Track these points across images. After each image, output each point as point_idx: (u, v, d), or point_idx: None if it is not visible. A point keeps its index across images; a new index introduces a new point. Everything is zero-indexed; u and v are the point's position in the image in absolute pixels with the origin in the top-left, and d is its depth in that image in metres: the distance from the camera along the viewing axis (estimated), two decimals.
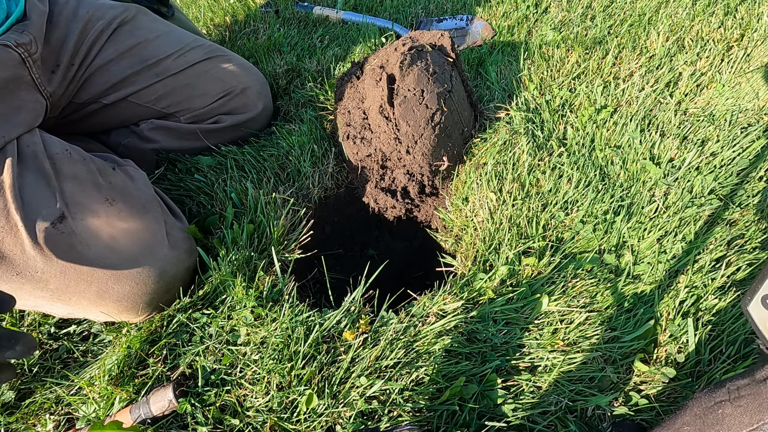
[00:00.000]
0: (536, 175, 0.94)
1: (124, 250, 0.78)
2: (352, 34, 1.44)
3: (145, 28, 1.03)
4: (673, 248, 0.84)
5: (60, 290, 0.75)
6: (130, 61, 0.99)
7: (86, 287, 0.75)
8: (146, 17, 1.05)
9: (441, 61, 0.92)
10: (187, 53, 1.04)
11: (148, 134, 1.06)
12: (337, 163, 1.06)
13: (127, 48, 0.99)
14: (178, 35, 1.07)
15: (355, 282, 0.80)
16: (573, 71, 1.18)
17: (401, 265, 1.26)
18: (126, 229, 0.80)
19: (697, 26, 1.28)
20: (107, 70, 0.99)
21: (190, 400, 0.71)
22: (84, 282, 0.75)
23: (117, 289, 0.77)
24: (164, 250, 0.81)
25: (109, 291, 0.77)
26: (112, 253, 0.77)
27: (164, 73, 1.02)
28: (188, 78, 1.04)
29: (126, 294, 0.78)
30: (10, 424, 0.75)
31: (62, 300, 0.76)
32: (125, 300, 0.78)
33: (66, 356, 0.84)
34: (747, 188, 0.92)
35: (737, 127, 1.02)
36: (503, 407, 0.69)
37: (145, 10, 1.07)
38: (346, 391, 0.69)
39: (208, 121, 1.08)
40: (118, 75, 0.99)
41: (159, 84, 1.02)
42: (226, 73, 1.08)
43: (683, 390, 0.72)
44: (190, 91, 1.05)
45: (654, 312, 0.78)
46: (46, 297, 0.75)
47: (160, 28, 1.05)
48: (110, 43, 0.98)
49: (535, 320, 0.77)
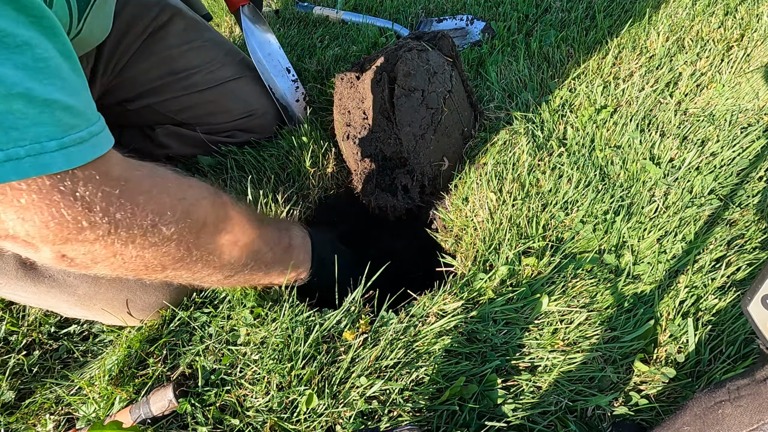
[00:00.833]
0: (536, 175, 0.94)
1: None
2: (352, 34, 1.44)
3: (178, 36, 1.00)
4: (673, 248, 0.83)
5: (88, 296, 0.75)
6: (160, 72, 0.97)
7: (115, 295, 0.76)
8: (182, 21, 1.02)
9: (441, 61, 0.92)
10: (216, 70, 1.03)
11: (163, 140, 1.05)
12: (337, 163, 1.06)
13: (159, 58, 0.97)
14: (210, 48, 1.04)
15: (355, 282, 0.80)
16: (573, 71, 1.18)
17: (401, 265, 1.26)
18: None
19: (697, 26, 1.28)
20: (136, 79, 0.96)
21: (190, 400, 0.71)
22: (114, 290, 0.75)
23: (144, 298, 0.78)
24: None
25: (135, 300, 0.77)
26: None
27: (192, 87, 1.00)
28: (214, 95, 1.03)
29: (151, 304, 0.79)
30: (10, 424, 0.75)
31: (86, 306, 0.76)
32: (148, 309, 0.79)
33: (66, 356, 0.84)
34: (747, 188, 0.92)
35: (737, 127, 1.02)
36: (503, 407, 0.69)
37: (181, 11, 1.03)
38: (346, 391, 0.69)
39: (223, 134, 1.08)
40: (146, 84, 0.97)
41: (185, 97, 1.00)
42: (251, 95, 1.07)
43: (683, 390, 0.72)
44: (213, 108, 1.04)
45: (654, 312, 0.78)
46: (70, 302, 0.75)
47: (192, 38, 1.02)
48: (142, 51, 0.95)
49: (535, 320, 0.77)
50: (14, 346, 0.84)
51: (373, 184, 0.99)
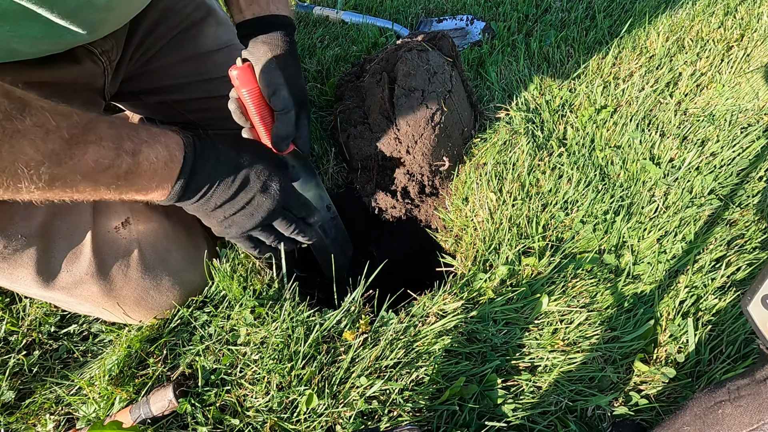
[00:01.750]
0: (536, 175, 0.94)
1: (174, 263, 0.78)
2: (352, 34, 1.44)
3: (210, 36, 0.96)
4: (673, 248, 0.83)
5: (103, 293, 0.75)
6: (185, 71, 0.93)
7: (129, 293, 0.75)
8: (215, 21, 0.98)
9: (441, 61, 0.92)
10: None
11: None
12: (337, 163, 1.06)
13: (188, 56, 0.93)
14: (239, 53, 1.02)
15: (355, 282, 0.80)
16: (573, 71, 1.18)
17: (401, 265, 1.26)
18: (179, 243, 0.80)
19: (697, 26, 1.28)
20: (161, 72, 0.93)
21: (190, 400, 0.71)
22: (129, 288, 0.75)
23: (156, 298, 0.78)
24: (201, 266, 0.82)
25: (147, 299, 0.77)
26: (162, 264, 0.77)
27: (213, 92, 0.97)
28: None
29: (161, 304, 0.79)
30: (10, 424, 0.75)
31: (95, 303, 0.76)
32: (157, 309, 0.79)
33: (66, 356, 0.84)
34: (747, 188, 0.92)
35: (737, 127, 1.02)
36: (503, 407, 0.69)
37: (216, 11, 0.99)
38: (346, 391, 0.69)
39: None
40: (168, 81, 0.95)
41: (203, 100, 0.98)
42: None
43: (683, 390, 0.72)
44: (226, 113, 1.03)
45: (654, 312, 0.78)
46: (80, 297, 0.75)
47: (223, 39, 0.98)
48: (172, 45, 0.92)
49: (535, 320, 0.77)
50: (14, 346, 0.84)
51: (373, 184, 0.99)
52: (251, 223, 0.69)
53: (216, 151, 0.66)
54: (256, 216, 0.69)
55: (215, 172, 0.65)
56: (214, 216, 0.68)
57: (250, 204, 0.68)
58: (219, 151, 0.66)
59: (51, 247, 0.71)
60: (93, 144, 0.54)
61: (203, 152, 0.65)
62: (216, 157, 0.66)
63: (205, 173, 0.65)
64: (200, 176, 0.64)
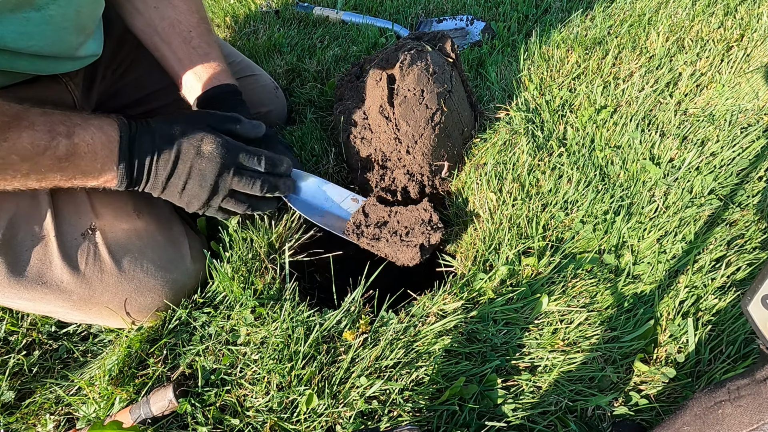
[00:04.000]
0: (536, 175, 0.94)
1: (151, 264, 0.78)
2: (352, 34, 1.44)
3: None
4: (673, 248, 0.83)
5: (83, 300, 0.75)
6: (161, 75, 0.92)
7: (110, 299, 0.76)
8: None
9: (441, 61, 0.92)
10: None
11: None
12: (337, 163, 1.06)
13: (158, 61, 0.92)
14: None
15: (355, 282, 0.80)
16: (573, 71, 1.18)
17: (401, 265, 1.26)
18: (153, 243, 0.80)
19: (696, 26, 1.28)
20: (136, 84, 0.94)
21: (190, 400, 0.71)
22: (108, 293, 0.75)
23: (139, 300, 0.78)
24: (187, 263, 0.81)
25: (131, 302, 0.77)
26: (138, 266, 0.77)
27: None
28: None
29: (147, 305, 0.78)
30: (10, 424, 0.75)
31: (82, 310, 0.76)
32: (144, 310, 0.79)
33: (66, 356, 0.84)
34: (747, 188, 0.92)
35: (737, 127, 1.02)
36: (503, 407, 0.69)
37: None
38: (346, 391, 0.69)
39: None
40: (146, 90, 0.95)
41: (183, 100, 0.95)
42: (253, 95, 1.05)
43: (683, 390, 0.72)
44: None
45: (654, 312, 0.78)
46: (66, 306, 0.75)
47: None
48: (141, 55, 0.91)
49: (535, 320, 0.77)
50: (14, 346, 0.84)
51: (373, 184, 0.99)
52: (206, 191, 0.69)
53: (149, 128, 0.68)
54: (205, 182, 0.68)
55: (152, 147, 0.67)
56: (170, 193, 0.69)
57: (192, 171, 0.68)
58: (152, 128, 0.68)
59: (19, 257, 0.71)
60: (27, 129, 0.58)
61: (138, 130, 0.67)
62: (151, 133, 0.67)
63: (143, 150, 0.66)
64: (140, 153, 0.66)
